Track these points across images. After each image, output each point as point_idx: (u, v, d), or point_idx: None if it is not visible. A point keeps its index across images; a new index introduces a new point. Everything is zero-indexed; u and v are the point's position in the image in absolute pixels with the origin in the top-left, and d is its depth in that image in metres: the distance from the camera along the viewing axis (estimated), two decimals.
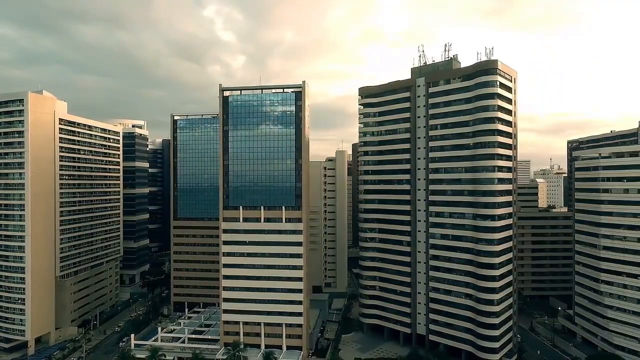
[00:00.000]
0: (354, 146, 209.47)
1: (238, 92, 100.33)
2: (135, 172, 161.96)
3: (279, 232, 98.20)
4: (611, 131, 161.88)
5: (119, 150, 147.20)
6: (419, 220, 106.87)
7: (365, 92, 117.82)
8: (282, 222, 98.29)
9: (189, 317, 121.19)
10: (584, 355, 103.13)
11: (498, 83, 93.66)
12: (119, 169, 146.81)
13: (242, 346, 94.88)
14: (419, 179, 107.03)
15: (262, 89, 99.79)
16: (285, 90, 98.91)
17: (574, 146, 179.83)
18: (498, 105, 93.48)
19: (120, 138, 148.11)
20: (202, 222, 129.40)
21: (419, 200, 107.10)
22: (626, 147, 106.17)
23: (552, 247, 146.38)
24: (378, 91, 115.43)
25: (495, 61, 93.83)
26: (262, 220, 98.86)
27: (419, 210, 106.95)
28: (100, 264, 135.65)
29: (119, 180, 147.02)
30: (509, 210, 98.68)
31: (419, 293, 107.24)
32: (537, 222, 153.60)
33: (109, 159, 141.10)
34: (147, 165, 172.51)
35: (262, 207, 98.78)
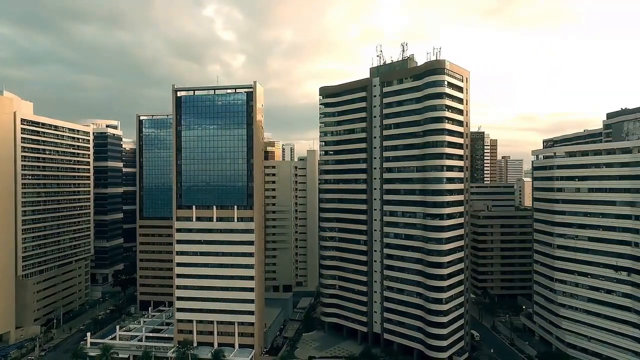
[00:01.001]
0: None
1: (192, 93, 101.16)
2: (108, 172, 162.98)
3: (231, 231, 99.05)
4: (584, 130, 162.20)
5: (89, 150, 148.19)
6: (375, 220, 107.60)
7: (325, 92, 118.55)
8: (234, 221, 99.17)
9: (152, 316, 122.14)
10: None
11: (446, 83, 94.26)
12: (89, 169, 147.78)
13: (194, 344, 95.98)
14: (375, 179, 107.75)
15: (215, 90, 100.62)
16: (238, 90, 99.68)
17: (549, 145, 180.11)
18: (446, 105, 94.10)
19: (91, 138, 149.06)
20: (166, 222, 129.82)
21: (375, 199, 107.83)
22: (578, 146, 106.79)
23: (520, 246, 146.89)
24: (337, 91, 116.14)
25: (443, 61, 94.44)
26: (215, 219, 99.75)
27: (375, 209, 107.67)
28: (69, 262, 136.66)
29: (89, 180, 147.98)
30: (460, 209, 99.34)
31: (375, 292, 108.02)
32: (506, 221, 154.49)
33: (78, 158, 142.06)
34: (120, 165, 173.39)
35: (214, 207, 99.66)
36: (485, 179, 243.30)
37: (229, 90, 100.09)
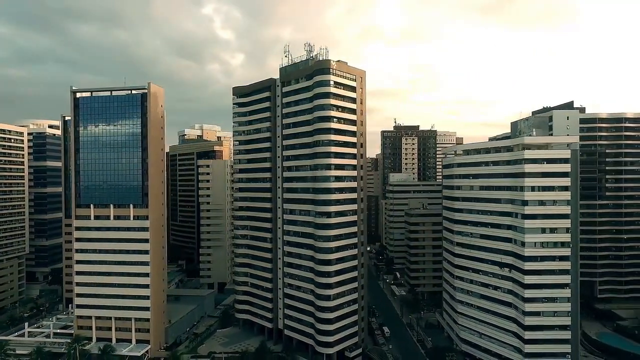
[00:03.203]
0: None
1: (89, 94, 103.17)
2: (47, 172, 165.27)
3: (128, 229, 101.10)
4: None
5: (24, 150, 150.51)
6: (279, 218, 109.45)
7: (238, 92, 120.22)
8: (130, 219, 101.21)
9: (71, 313, 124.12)
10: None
11: (332, 82, 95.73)
12: (23, 169, 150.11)
13: (94, 340, 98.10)
14: (278, 177, 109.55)
15: (111, 91, 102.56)
16: (133, 91, 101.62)
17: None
18: (332, 105, 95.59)
19: (25, 138, 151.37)
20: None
21: (279, 198, 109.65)
22: (472, 145, 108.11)
23: None
24: (247, 91, 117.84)
25: (328, 61, 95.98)
26: (112, 217, 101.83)
27: (279, 208, 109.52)
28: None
29: (23, 179, 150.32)
30: (353, 207, 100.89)
31: (280, 289, 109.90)
32: (437, 218, 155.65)
33: (10, 158, 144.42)
34: (60, 164, 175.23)
35: (111, 205, 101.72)
36: (437, 177, 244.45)
37: (125, 92, 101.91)
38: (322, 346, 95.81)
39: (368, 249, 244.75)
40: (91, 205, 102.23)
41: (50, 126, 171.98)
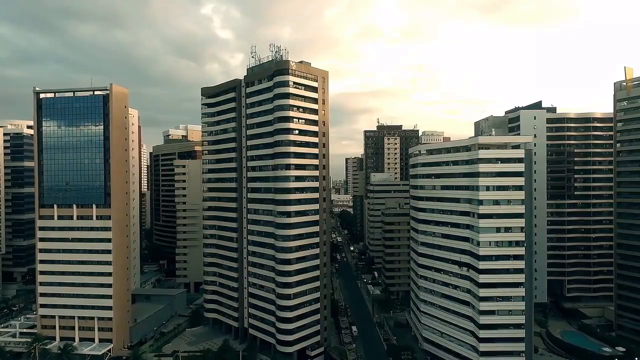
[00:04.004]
0: None
1: (52, 95, 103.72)
2: (24, 172, 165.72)
3: (91, 229, 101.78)
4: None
5: None
6: (245, 218, 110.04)
7: (207, 93, 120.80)
8: (93, 219, 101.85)
9: None
10: None
11: (291, 83, 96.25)
12: None
13: (57, 339, 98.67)
14: (244, 177, 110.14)
15: (74, 92, 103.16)
16: (96, 92, 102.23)
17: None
18: (291, 105, 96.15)
19: (0, 139, 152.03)
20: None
21: (244, 198, 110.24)
22: (434, 144, 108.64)
23: None
24: (215, 91, 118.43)
25: (287, 62, 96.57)
26: (75, 217, 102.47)
27: (244, 208, 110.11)
28: None
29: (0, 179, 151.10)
30: (314, 207, 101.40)
31: (245, 288, 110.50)
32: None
33: None
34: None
35: (74, 206, 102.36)
36: None
37: (88, 93, 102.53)
38: (282, 345, 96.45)
39: (352, 248, 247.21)
40: (54, 205, 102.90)
41: (29, 126, 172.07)
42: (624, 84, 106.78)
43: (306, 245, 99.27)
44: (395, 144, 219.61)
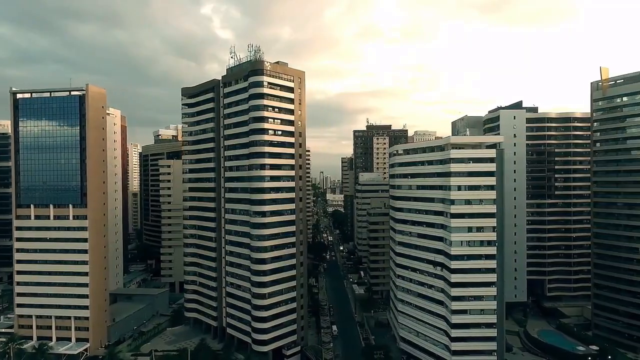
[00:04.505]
0: None
1: (29, 95, 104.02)
2: (9, 172, 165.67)
3: (68, 229, 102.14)
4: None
5: None
6: (223, 218, 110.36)
7: (187, 93, 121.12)
8: (69, 219, 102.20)
9: None
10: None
11: (266, 83, 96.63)
12: None
13: (34, 339, 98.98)
14: (222, 177, 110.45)
15: (50, 92, 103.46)
16: (72, 93, 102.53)
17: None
18: (266, 105, 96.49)
19: None
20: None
21: (222, 198, 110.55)
22: (411, 144, 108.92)
23: None
24: (195, 92, 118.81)
25: (261, 62, 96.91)
26: (52, 217, 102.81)
27: (223, 207, 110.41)
28: None
29: None
30: (290, 206, 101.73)
31: (223, 288, 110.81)
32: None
33: None
34: None
35: (51, 206, 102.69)
36: None
37: (64, 93, 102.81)
38: (258, 344, 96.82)
39: (341, 248, 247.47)
40: (31, 205, 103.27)
41: None
42: (601, 84, 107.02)
43: (282, 244, 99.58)
44: (384, 143, 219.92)
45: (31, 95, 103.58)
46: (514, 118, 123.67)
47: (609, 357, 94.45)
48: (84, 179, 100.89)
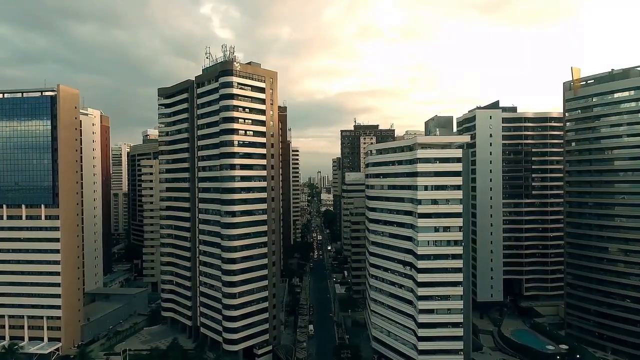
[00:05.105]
0: None
1: (1, 95, 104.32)
2: None
3: (39, 229, 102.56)
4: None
5: None
6: (197, 218, 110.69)
7: (163, 93, 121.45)
8: (41, 219, 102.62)
9: None
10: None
11: (235, 84, 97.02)
12: None
13: (6, 339, 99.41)
14: (196, 177, 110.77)
15: (22, 92, 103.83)
16: (44, 93, 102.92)
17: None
18: (234, 105, 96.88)
19: None
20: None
21: (196, 198, 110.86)
22: (383, 144, 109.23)
23: None
24: (171, 92, 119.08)
25: (230, 63, 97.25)
26: (24, 217, 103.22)
27: (197, 207, 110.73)
28: None
29: None
30: (262, 206, 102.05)
31: (198, 287, 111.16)
32: None
33: None
34: None
35: (23, 206, 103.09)
36: None
37: (36, 93, 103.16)
38: (228, 343, 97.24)
39: (329, 247, 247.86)
40: (4, 205, 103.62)
41: None
42: (572, 84, 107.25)
43: (252, 244, 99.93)
44: (371, 143, 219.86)
45: (3, 95, 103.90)
46: (490, 118, 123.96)
47: (578, 356, 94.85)
48: (56, 179, 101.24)
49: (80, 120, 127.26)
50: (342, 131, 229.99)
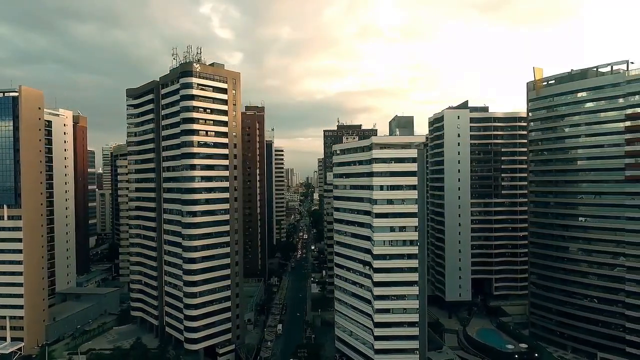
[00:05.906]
0: None
1: None
2: None
3: (2, 229, 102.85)
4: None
5: None
6: (162, 218, 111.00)
7: (131, 94, 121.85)
8: (4, 220, 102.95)
9: None
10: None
11: (195, 85, 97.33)
12: None
13: None
14: (162, 178, 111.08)
15: None
16: (6, 94, 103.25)
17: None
18: (194, 106, 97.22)
19: None
20: None
21: (162, 198, 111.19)
22: (345, 144, 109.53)
23: None
24: (138, 93, 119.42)
25: (190, 64, 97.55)
26: None
27: (162, 208, 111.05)
28: None
29: None
30: (224, 206, 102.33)
31: (163, 287, 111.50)
32: None
33: None
34: None
35: None
36: None
37: None
38: (189, 342, 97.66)
39: (313, 247, 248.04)
40: None
41: None
42: (535, 84, 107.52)
43: (214, 244, 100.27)
44: None
45: None
46: (458, 118, 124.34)
47: (536, 354, 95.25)
48: (18, 180, 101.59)
49: (50, 121, 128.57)
50: (324, 131, 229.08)
